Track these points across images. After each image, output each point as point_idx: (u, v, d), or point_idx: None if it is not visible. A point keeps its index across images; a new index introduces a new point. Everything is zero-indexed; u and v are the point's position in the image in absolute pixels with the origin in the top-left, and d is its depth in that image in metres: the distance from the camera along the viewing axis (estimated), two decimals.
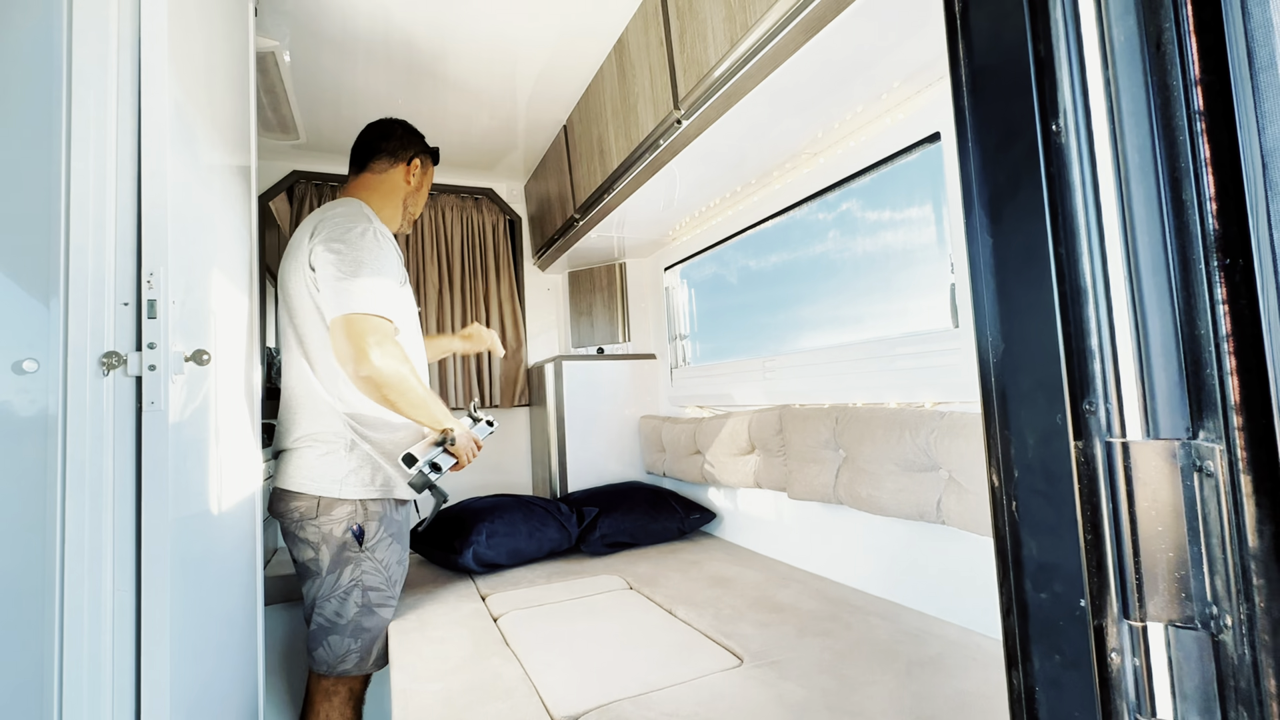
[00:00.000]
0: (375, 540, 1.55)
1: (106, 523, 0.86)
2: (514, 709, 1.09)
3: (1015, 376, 0.48)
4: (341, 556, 1.52)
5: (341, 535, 1.51)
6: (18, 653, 0.85)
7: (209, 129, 1.19)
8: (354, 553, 1.53)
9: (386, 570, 1.57)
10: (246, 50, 1.51)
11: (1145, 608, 0.44)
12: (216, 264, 1.21)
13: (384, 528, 1.56)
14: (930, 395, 1.41)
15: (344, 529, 1.51)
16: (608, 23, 1.81)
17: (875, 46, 1.22)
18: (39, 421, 0.88)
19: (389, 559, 1.57)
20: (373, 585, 1.54)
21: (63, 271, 0.89)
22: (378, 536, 1.55)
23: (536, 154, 2.71)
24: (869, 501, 1.46)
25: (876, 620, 1.36)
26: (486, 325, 2.85)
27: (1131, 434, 0.44)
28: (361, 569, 1.53)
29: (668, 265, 2.68)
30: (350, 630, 1.52)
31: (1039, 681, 0.47)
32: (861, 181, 1.66)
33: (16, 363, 0.89)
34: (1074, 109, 0.46)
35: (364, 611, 1.53)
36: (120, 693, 0.87)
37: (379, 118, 1.77)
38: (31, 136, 0.91)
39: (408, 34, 1.84)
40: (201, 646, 1.06)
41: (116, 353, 0.89)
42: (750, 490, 2.05)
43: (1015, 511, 0.49)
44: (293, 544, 1.55)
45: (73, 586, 0.85)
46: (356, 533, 1.53)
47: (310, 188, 2.63)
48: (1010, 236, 0.49)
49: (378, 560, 1.55)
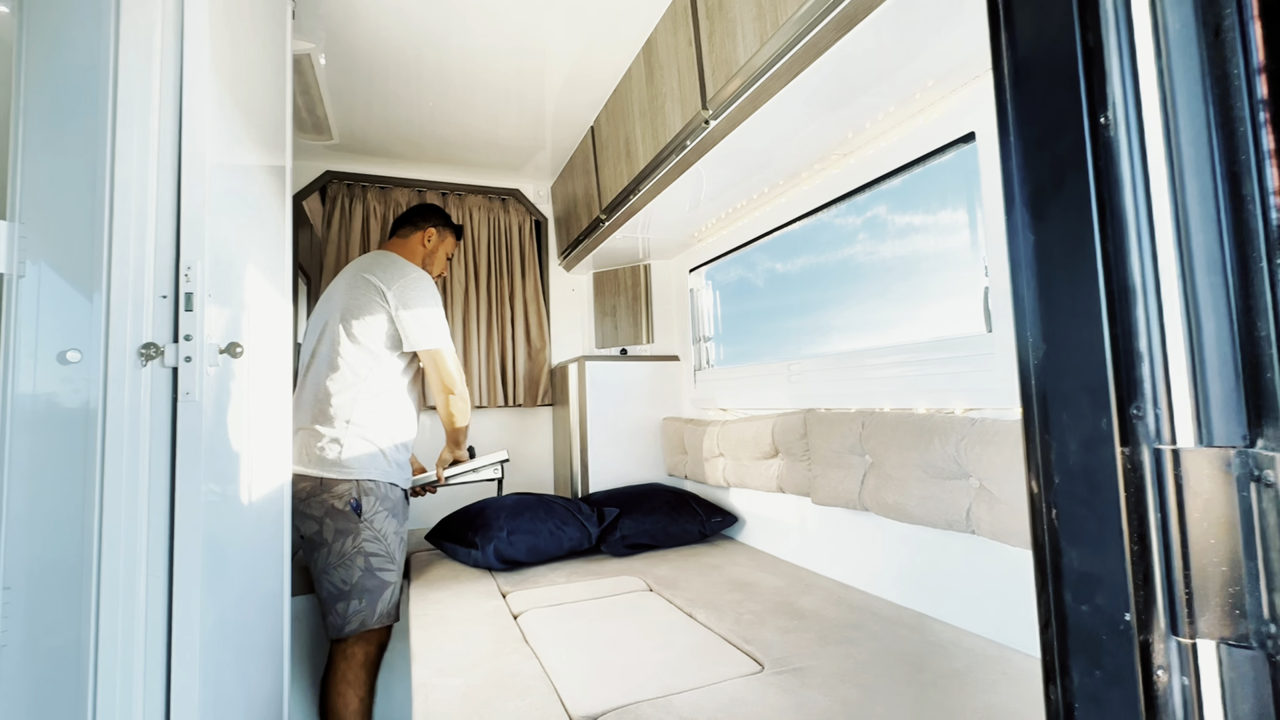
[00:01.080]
0: (372, 512, 1.74)
1: (141, 508, 0.89)
2: (532, 707, 1.09)
3: (1057, 379, 0.47)
4: (342, 527, 1.71)
5: (341, 508, 1.71)
6: (57, 630, 0.88)
7: (246, 130, 1.22)
8: (353, 523, 1.72)
9: (384, 540, 1.75)
10: (284, 53, 1.54)
11: (1196, 624, 0.41)
12: (252, 260, 1.24)
13: (379, 503, 1.77)
14: (961, 401, 1.38)
15: (344, 503, 1.72)
16: (637, 23, 1.81)
17: (908, 44, 1.20)
18: (81, 410, 0.91)
19: (386, 530, 1.76)
20: (373, 551, 1.73)
21: (105, 266, 0.92)
22: (374, 509, 1.75)
23: (563, 155, 2.72)
24: (895, 508, 1.43)
25: (902, 630, 1.33)
26: (511, 324, 2.88)
27: (1182, 441, 0.42)
28: (361, 537, 1.72)
29: (693, 267, 2.67)
30: (356, 593, 1.69)
31: (1078, 697, 0.45)
32: (892, 183, 1.63)
33: (61, 353, 0.92)
34: (1124, 101, 0.44)
35: (367, 574, 1.71)
36: (152, 670, 0.89)
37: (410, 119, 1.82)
38: (80, 139, 0.94)
39: (439, 36, 1.87)
40: (230, 628, 1.09)
41: (155, 344, 0.91)
42: (773, 495, 2.02)
43: (1055, 519, 0.47)
44: (299, 519, 1.72)
45: (109, 567, 0.87)
46: (354, 505, 1.73)
47: (343, 187, 2.68)
48: (1054, 233, 0.47)
49: (375, 530, 1.74)
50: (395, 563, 1.76)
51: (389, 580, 1.73)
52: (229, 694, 1.09)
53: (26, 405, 0.90)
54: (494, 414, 2.90)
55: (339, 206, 2.65)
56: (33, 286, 0.91)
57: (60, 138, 0.94)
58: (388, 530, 1.76)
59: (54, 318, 0.92)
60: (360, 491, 1.74)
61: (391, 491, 1.81)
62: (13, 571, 0.88)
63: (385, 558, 1.73)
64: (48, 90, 0.94)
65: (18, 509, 0.88)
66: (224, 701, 1.06)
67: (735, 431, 2.09)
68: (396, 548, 1.78)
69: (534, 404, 2.91)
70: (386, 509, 1.77)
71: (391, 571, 1.75)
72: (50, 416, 0.90)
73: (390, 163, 2.76)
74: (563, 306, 3.07)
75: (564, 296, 3.07)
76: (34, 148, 0.93)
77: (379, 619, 1.71)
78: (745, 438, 2.02)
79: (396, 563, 1.76)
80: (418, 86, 2.15)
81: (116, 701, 0.88)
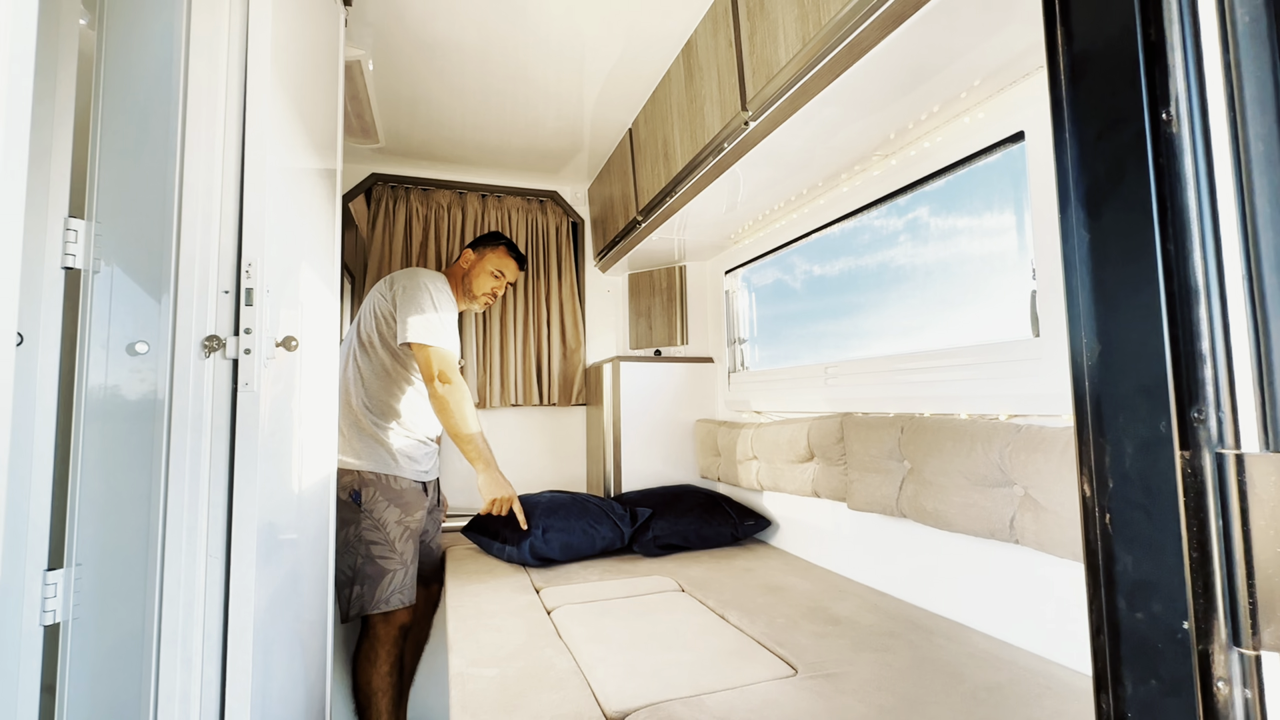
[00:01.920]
0: (371, 502, 1.85)
1: (203, 491, 0.93)
2: (567, 699, 1.10)
3: (1114, 380, 0.46)
4: (346, 516, 1.83)
5: (344, 498, 1.83)
6: (123, 605, 0.93)
7: (302, 135, 1.27)
8: (354, 513, 1.83)
9: (384, 529, 1.85)
10: (336, 60, 1.60)
11: (1260, 635, 0.40)
12: (305, 259, 1.29)
13: (380, 494, 1.87)
14: (1005, 407, 1.34)
15: (346, 493, 1.84)
16: (676, 25, 1.82)
17: (956, 42, 1.18)
18: (148, 398, 0.96)
19: (386, 519, 1.86)
20: (372, 540, 1.83)
21: (173, 262, 0.97)
22: (373, 499, 1.85)
23: (601, 157, 2.75)
24: (935, 516, 1.40)
25: (941, 640, 1.31)
26: (547, 324, 2.92)
27: (1247, 445, 0.41)
28: (361, 526, 1.83)
29: (729, 269, 2.66)
30: (358, 579, 1.81)
31: (1131, 707, 0.44)
32: (935, 185, 1.60)
33: (130, 344, 0.98)
34: (1188, 95, 0.43)
35: (367, 561, 1.81)
36: (209, 644, 0.94)
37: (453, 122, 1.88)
38: (152, 145, 1.00)
39: (483, 41, 1.91)
40: (279, 608, 1.13)
41: (217, 336, 0.96)
42: (807, 499, 2.00)
43: (1109, 524, 0.46)
44: None
45: (173, 547, 0.92)
46: (354, 495, 1.85)
47: (387, 189, 2.76)
48: (1111, 232, 0.46)
49: (375, 519, 1.84)
50: (396, 551, 1.85)
51: (389, 568, 1.83)
52: (279, 668, 1.13)
53: (98, 394, 0.95)
54: (528, 412, 2.94)
55: (383, 208, 2.73)
56: (106, 282, 0.97)
57: (134, 143, 1.00)
58: (388, 519, 1.85)
59: (124, 311, 0.97)
60: (360, 482, 1.85)
61: (395, 483, 1.90)
62: (84, 549, 0.94)
63: (384, 545, 1.83)
64: (124, 99, 1.00)
65: (90, 490, 0.94)
66: (274, 676, 1.11)
67: (770, 435, 2.07)
68: (399, 537, 1.86)
69: (568, 403, 2.94)
70: (388, 499, 1.87)
71: (392, 559, 1.84)
72: (120, 404, 0.96)
73: (432, 165, 2.83)
74: (598, 307, 3.09)
75: (599, 297, 3.10)
76: (110, 152, 0.99)
77: (377, 604, 1.80)
78: (780, 441, 2.01)
79: (398, 551, 1.85)
80: (460, 90, 2.20)
81: (177, 672, 0.92)
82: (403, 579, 1.85)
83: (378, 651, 1.85)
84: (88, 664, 0.94)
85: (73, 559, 0.93)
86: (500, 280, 2.24)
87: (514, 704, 1.09)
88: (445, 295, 2.01)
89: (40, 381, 0.94)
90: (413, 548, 1.91)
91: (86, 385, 0.96)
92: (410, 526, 1.90)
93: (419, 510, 1.95)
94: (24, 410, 0.92)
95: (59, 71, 0.96)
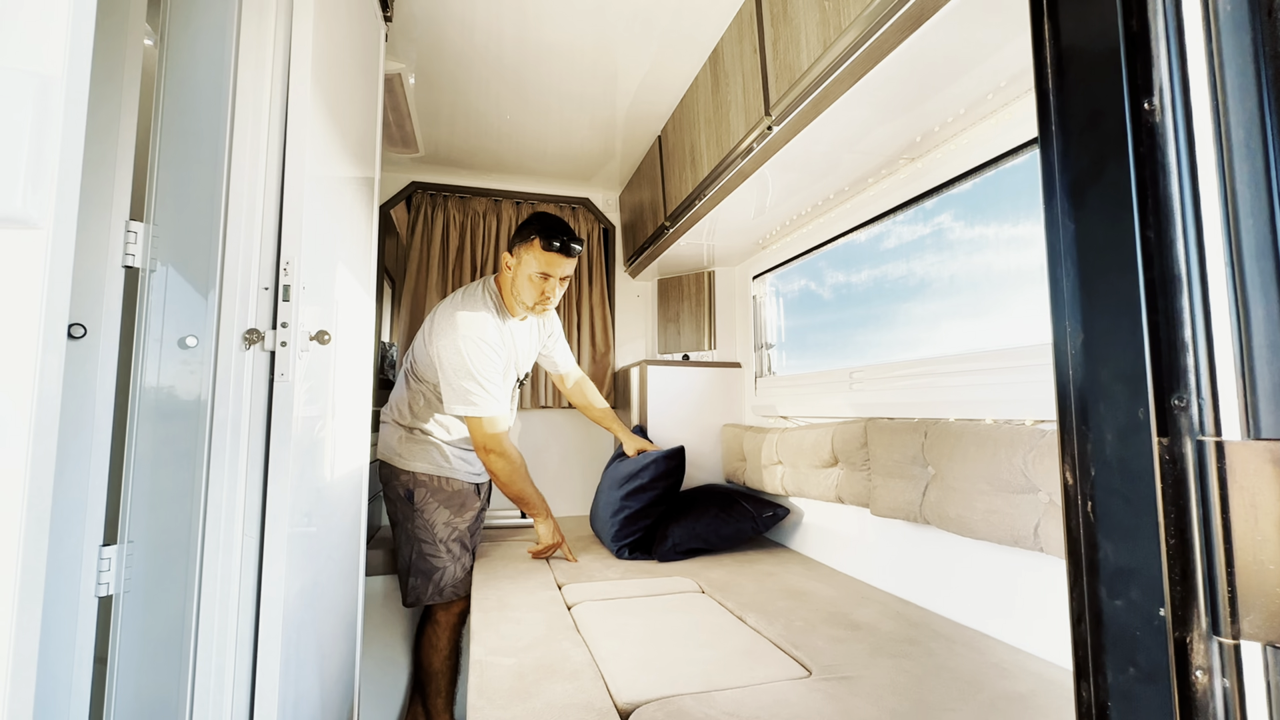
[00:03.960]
0: (423, 503, 1.94)
1: (240, 474, 1.00)
2: (579, 689, 1.13)
3: (1094, 368, 0.46)
4: (404, 512, 1.95)
5: (402, 495, 1.96)
6: (168, 582, 1.00)
7: (340, 145, 1.35)
8: (409, 510, 1.94)
9: (432, 529, 1.93)
10: (376, 74, 1.69)
11: (1239, 624, 0.40)
12: (341, 260, 1.36)
13: (430, 495, 1.95)
14: (1031, 412, 1.31)
15: (403, 491, 1.95)
16: (704, 34, 1.85)
17: (980, 43, 1.17)
18: (195, 388, 1.03)
19: (435, 520, 1.94)
20: (422, 538, 1.93)
21: (220, 261, 1.05)
22: (425, 500, 1.94)
23: (632, 164, 2.79)
24: (958, 523, 1.37)
25: (960, 649, 1.28)
26: (577, 329, 2.97)
27: (1228, 433, 0.41)
28: (414, 524, 1.93)
29: (756, 274, 2.66)
30: (413, 571, 1.92)
31: (1111, 695, 0.44)
32: (962, 187, 1.58)
33: (181, 339, 1.05)
34: (1170, 85, 0.44)
35: (419, 557, 1.92)
36: (243, 623, 1.00)
37: (490, 131, 1.94)
38: (203, 154, 1.08)
39: (519, 53, 1.98)
40: (311, 593, 1.19)
41: (257, 330, 1.03)
42: (831, 504, 1.98)
43: (1091, 512, 0.46)
44: (385, 500, 2.04)
45: (212, 527, 0.99)
46: (408, 495, 1.95)
47: (426, 197, 2.86)
48: (1093, 221, 0.46)
49: (425, 519, 1.93)
50: (446, 550, 1.94)
51: (438, 565, 1.92)
52: (309, 650, 1.19)
53: (152, 383, 1.03)
54: (558, 414, 2.99)
55: (422, 215, 2.83)
56: (161, 279, 1.05)
57: (187, 153, 1.08)
58: (436, 521, 1.94)
59: (176, 307, 1.05)
60: (414, 483, 1.95)
61: (448, 485, 1.99)
62: (135, 528, 1.01)
63: (432, 545, 1.93)
64: (180, 112, 1.08)
65: (142, 473, 1.01)
66: (305, 658, 1.16)
67: (794, 439, 2.06)
68: (448, 537, 1.95)
69: None
70: (439, 501, 1.96)
71: (440, 558, 1.92)
72: (170, 394, 1.03)
73: (470, 174, 2.92)
74: (627, 312, 3.13)
75: (629, 303, 3.13)
76: (167, 161, 1.07)
77: (432, 596, 1.92)
78: (804, 446, 2.00)
79: (449, 550, 1.94)
80: (497, 101, 2.28)
81: (213, 648, 0.99)
82: (453, 574, 1.94)
83: (440, 636, 1.97)
84: (136, 636, 1.01)
85: (125, 536, 1.01)
86: (549, 280, 1.94)
87: (529, 691, 1.12)
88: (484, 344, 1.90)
89: (101, 371, 1.02)
90: (460, 545, 1.99)
91: (142, 375, 1.03)
92: (459, 528, 1.98)
93: (470, 512, 2.02)
94: (86, 397, 1.00)
95: (124, 88, 1.04)
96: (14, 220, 0.45)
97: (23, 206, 0.44)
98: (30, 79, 0.45)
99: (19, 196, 0.44)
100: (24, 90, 0.44)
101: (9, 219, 0.45)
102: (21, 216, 0.44)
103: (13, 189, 0.43)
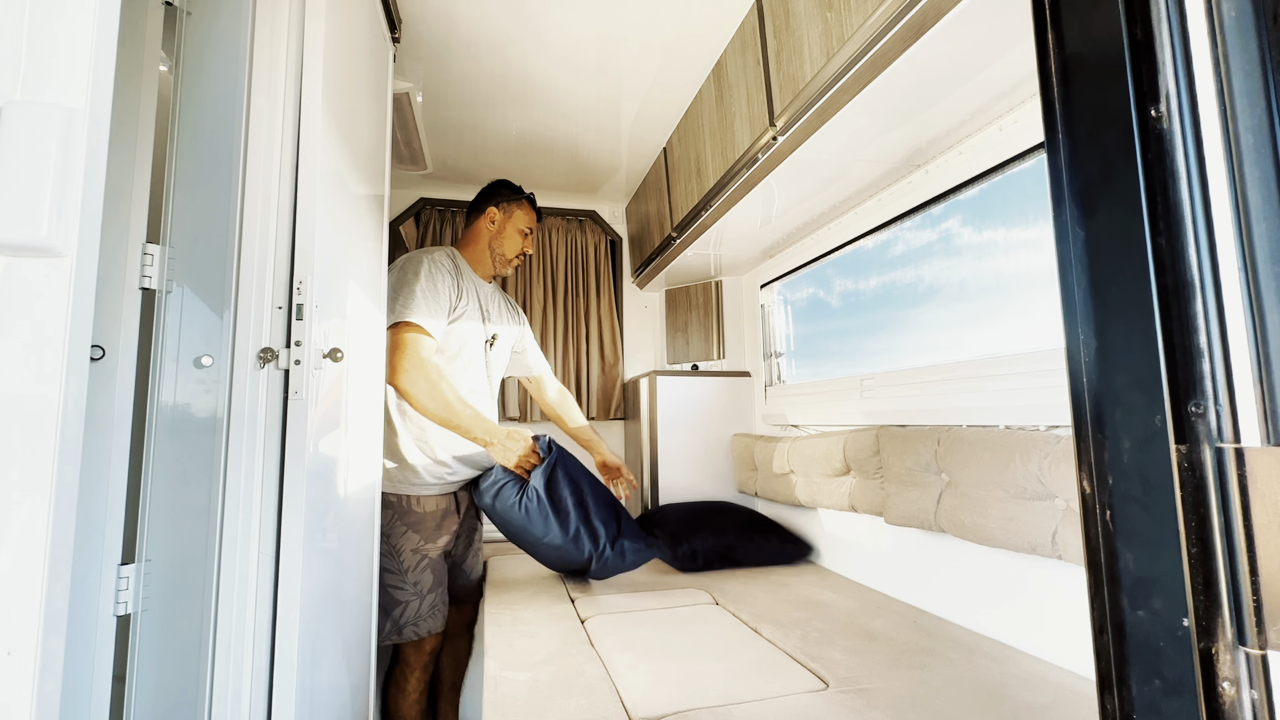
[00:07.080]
0: (389, 527, 1.70)
1: (255, 493, 1.01)
2: (594, 704, 1.12)
3: (1109, 376, 0.46)
4: None
5: None
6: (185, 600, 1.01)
7: (351, 165, 1.37)
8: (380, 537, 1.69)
9: (397, 556, 1.70)
10: (386, 94, 1.71)
11: (1266, 634, 0.39)
12: (353, 278, 1.38)
13: (397, 518, 1.71)
14: (1045, 418, 1.30)
15: None
16: (707, 46, 1.87)
17: (984, 51, 1.17)
18: (211, 407, 1.05)
19: (401, 547, 1.71)
20: (386, 567, 1.68)
21: (234, 282, 1.06)
22: (391, 524, 1.71)
23: (637, 176, 2.81)
24: (974, 530, 1.36)
25: (980, 659, 1.26)
26: (586, 340, 2.97)
27: (1247, 439, 0.40)
28: (379, 552, 1.66)
29: (764, 282, 2.66)
30: (384, 607, 1.68)
31: (1137, 708, 0.43)
32: (970, 193, 1.58)
33: (197, 358, 1.07)
34: (1177, 92, 0.44)
35: (383, 590, 1.67)
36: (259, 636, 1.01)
37: (497, 147, 1.95)
38: (218, 176, 1.10)
39: (524, 69, 2.00)
40: (326, 606, 1.20)
41: (271, 349, 1.04)
42: (844, 513, 1.97)
43: (1110, 521, 0.45)
44: None
45: (229, 545, 1.00)
46: None
47: (435, 213, 2.89)
48: (1104, 228, 0.46)
49: (391, 545, 1.70)
50: (409, 581, 1.69)
51: (399, 599, 1.68)
52: (325, 667, 1.19)
53: (169, 403, 1.04)
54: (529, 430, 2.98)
55: (430, 230, 2.86)
56: (176, 300, 1.06)
57: (202, 176, 1.10)
58: (404, 547, 1.70)
59: (192, 327, 1.06)
60: (383, 504, 1.70)
61: (417, 505, 1.73)
62: (153, 547, 1.02)
63: (397, 575, 1.69)
64: (195, 136, 1.10)
65: (159, 491, 1.02)
66: (320, 674, 1.17)
67: (806, 448, 2.05)
68: (415, 566, 1.70)
69: (606, 417, 2.98)
70: (407, 524, 1.71)
71: (403, 591, 1.68)
72: (186, 413, 1.05)
73: (477, 188, 2.94)
74: (636, 323, 3.13)
75: (637, 313, 3.14)
76: (182, 184, 1.09)
77: (389, 635, 1.67)
78: (816, 454, 1.99)
79: (413, 584, 1.69)
80: (503, 117, 2.31)
81: (230, 665, 0.99)
82: (415, 610, 1.69)
83: (407, 679, 1.77)
84: (154, 654, 1.01)
85: (143, 555, 1.02)
86: (529, 237, 2.01)
87: (543, 707, 1.12)
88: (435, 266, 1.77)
89: (119, 391, 1.03)
90: (432, 576, 1.74)
91: (159, 395, 1.05)
92: (430, 555, 1.74)
93: (445, 535, 1.78)
94: (104, 418, 1.02)
95: (141, 114, 1.07)
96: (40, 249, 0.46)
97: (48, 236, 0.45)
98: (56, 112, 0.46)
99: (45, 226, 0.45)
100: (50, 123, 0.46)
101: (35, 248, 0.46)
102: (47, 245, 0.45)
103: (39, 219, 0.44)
